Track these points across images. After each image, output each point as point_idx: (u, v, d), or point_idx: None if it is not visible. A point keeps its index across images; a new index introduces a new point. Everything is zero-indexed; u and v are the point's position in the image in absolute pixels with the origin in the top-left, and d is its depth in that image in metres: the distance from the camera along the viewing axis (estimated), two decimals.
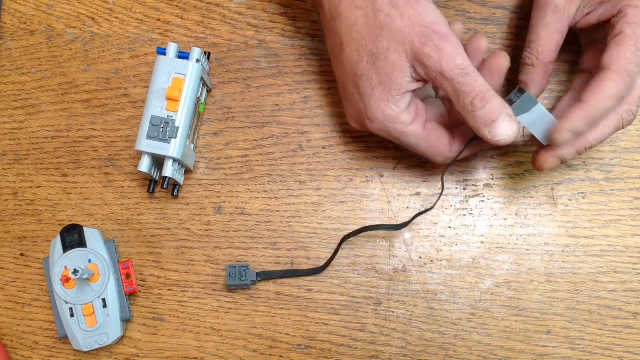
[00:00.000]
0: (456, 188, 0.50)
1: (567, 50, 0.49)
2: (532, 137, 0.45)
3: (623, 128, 0.44)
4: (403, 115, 0.43)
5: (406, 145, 0.45)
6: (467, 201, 0.50)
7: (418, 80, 0.42)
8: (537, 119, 0.43)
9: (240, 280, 0.48)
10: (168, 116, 0.46)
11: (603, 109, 0.41)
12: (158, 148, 0.46)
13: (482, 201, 0.50)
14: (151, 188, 0.49)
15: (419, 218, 0.50)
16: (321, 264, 0.50)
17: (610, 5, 0.43)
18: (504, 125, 0.41)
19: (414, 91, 0.43)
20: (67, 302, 0.47)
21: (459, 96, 0.41)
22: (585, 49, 0.48)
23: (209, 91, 0.52)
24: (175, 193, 0.50)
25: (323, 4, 0.44)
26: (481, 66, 0.44)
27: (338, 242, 0.50)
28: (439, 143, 0.44)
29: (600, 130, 0.43)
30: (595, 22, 0.44)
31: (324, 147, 0.51)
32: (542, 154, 0.44)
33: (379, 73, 0.42)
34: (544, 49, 0.44)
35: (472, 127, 0.42)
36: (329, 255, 0.50)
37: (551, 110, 0.45)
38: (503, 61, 0.43)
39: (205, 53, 0.50)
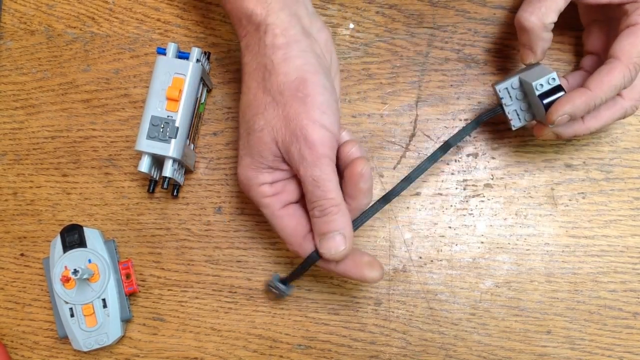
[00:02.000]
0: (456, 188, 0.50)
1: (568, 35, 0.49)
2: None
3: (623, 118, 0.45)
4: (264, 187, 0.42)
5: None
6: (467, 201, 0.50)
7: (284, 163, 0.42)
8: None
9: (276, 290, 0.47)
10: (168, 116, 0.46)
11: (606, 98, 0.41)
12: (158, 148, 0.46)
13: (482, 201, 0.50)
14: (151, 188, 0.49)
15: (419, 218, 0.50)
16: None
17: None
18: (333, 242, 0.41)
19: (284, 177, 0.43)
20: (67, 302, 0.47)
21: (307, 200, 0.41)
22: (587, 28, 0.48)
23: (209, 91, 0.52)
24: (175, 193, 0.50)
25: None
26: (345, 171, 0.43)
27: None
28: (291, 230, 0.43)
29: (602, 119, 0.44)
30: (605, 2, 0.43)
31: None
32: (540, 125, 0.45)
33: (250, 145, 0.42)
34: (547, 9, 0.42)
35: (313, 229, 0.42)
36: None
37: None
38: (361, 168, 0.42)
39: (205, 53, 0.50)
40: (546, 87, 0.43)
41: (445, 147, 0.45)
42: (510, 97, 0.45)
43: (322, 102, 0.40)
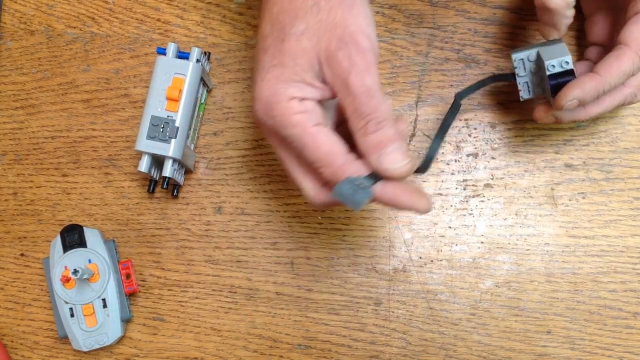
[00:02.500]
0: (456, 188, 0.50)
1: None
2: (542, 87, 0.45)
3: (622, 105, 0.45)
4: (293, 102, 0.37)
5: (290, 150, 0.39)
6: (467, 201, 0.50)
7: (324, 83, 0.38)
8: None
9: (352, 194, 0.37)
10: (168, 116, 0.46)
11: (615, 84, 0.41)
12: (158, 148, 0.46)
13: (482, 201, 0.50)
14: (151, 188, 0.49)
15: (419, 218, 0.50)
16: (321, 264, 0.50)
17: None
18: (395, 156, 0.36)
19: (315, 95, 0.38)
20: (67, 302, 0.47)
21: (356, 115, 0.37)
22: (589, 17, 0.48)
23: (209, 91, 0.52)
24: (175, 193, 0.50)
25: None
26: None
27: (338, 241, 0.50)
28: (328, 148, 0.37)
29: (602, 104, 0.43)
30: None
31: None
32: (541, 109, 0.45)
33: (283, 53, 0.37)
34: None
35: (363, 154, 0.37)
36: (329, 255, 0.50)
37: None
38: (404, 126, 0.40)
39: (205, 53, 0.50)
40: (557, 69, 0.42)
41: (455, 104, 0.45)
42: (524, 68, 0.45)
43: (368, 15, 0.38)
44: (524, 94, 0.45)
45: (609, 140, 0.50)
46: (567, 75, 0.42)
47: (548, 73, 0.42)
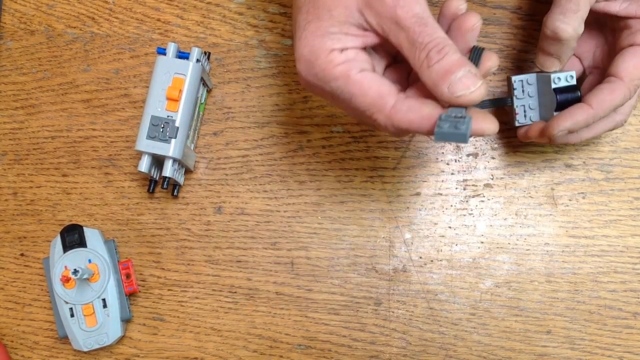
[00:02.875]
0: (456, 188, 0.50)
1: None
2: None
3: (613, 130, 0.45)
4: (333, 54, 0.36)
5: (342, 103, 0.38)
6: (467, 201, 0.50)
7: (366, 30, 0.36)
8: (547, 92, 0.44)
9: (455, 129, 0.34)
10: (168, 116, 0.46)
11: (604, 116, 0.42)
12: (158, 148, 0.46)
13: (482, 201, 0.50)
14: (151, 188, 0.49)
15: (419, 218, 0.50)
16: (321, 264, 0.50)
17: (636, 5, 0.41)
18: (465, 81, 0.34)
19: (356, 44, 0.37)
20: (67, 302, 0.47)
21: (414, 48, 0.35)
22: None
23: (209, 91, 0.52)
24: (175, 193, 0.50)
25: None
26: (448, 30, 0.38)
27: (338, 241, 0.50)
28: (377, 92, 0.36)
29: (593, 130, 0.44)
30: (613, 12, 0.42)
31: (324, 147, 0.51)
32: (536, 128, 0.44)
33: (317, 7, 0.36)
34: (581, 18, 0.41)
35: (430, 88, 0.35)
36: (329, 255, 0.50)
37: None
38: (475, 20, 0.37)
39: (205, 53, 0.50)
40: (563, 83, 0.43)
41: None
42: (522, 91, 0.45)
43: None
44: (520, 118, 0.46)
45: (609, 140, 0.50)
46: (572, 92, 0.43)
47: (554, 86, 0.42)
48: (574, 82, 0.43)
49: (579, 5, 0.40)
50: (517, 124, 0.46)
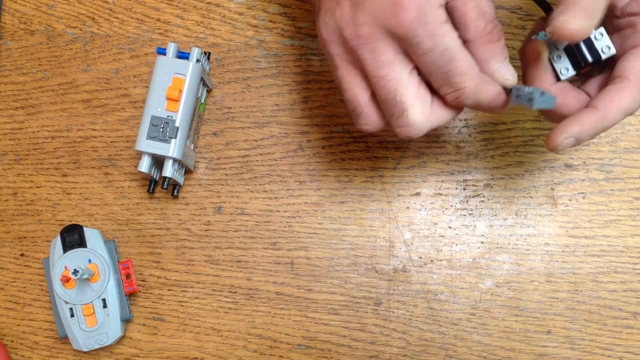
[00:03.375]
0: (456, 188, 0.50)
1: None
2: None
3: (631, 113, 0.41)
4: (440, 10, 0.35)
5: (428, 60, 0.36)
6: (467, 201, 0.50)
7: None
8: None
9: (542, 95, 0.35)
10: (168, 116, 0.46)
11: (615, 122, 0.38)
12: (158, 148, 0.46)
13: (482, 201, 0.50)
14: (151, 188, 0.49)
15: (419, 218, 0.50)
16: (321, 264, 0.50)
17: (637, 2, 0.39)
18: (510, 68, 0.37)
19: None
20: (67, 302, 0.47)
21: (482, 20, 0.36)
22: None
23: (209, 91, 0.52)
24: (175, 193, 0.50)
25: None
26: None
27: (338, 241, 0.50)
28: (470, 58, 0.36)
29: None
30: (618, 14, 0.40)
31: (324, 147, 0.51)
32: (554, 137, 0.39)
33: None
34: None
35: (482, 61, 0.37)
36: (329, 255, 0.50)
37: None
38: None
39: (205, 53, 0.50)
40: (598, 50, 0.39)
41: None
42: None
43: None
44: (564, 72, 0.40)
45: (609, 140, 0.50)
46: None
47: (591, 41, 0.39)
48: (613, 51, 0.39)
49: None
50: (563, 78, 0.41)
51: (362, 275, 0.50)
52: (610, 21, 0.41)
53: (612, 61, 0.40)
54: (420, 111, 0.37)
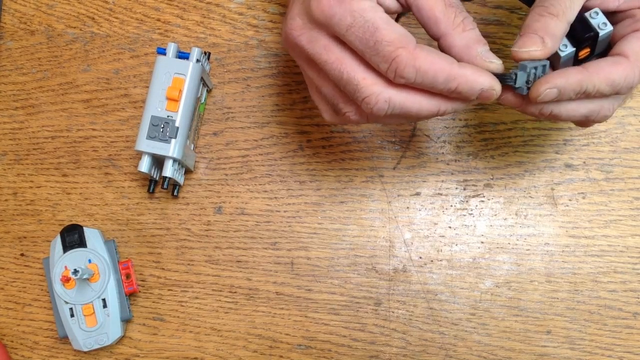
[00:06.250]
0: (456, 188, 0.50)
1: None
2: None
3: (590, 123, 0.40)
4: None
5: (345, 46, 0.36)
6: (467, 201, 0.50)
7: None
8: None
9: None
10: (168, 116, 0.46)
11: (600, 89, 0.37)
12: (158, 148, 0.46)
13: (482, 201, 0.50)
14: (151, 188, 0.49)
15: (419, 218, 0.50)
16: (321, 264, 0.50)
17: None
18: (489, 53, 0.36)
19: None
20: (67, 302, 0.47)
21: (451, 12, 0.36)
22: None
23: (209, 91, 0.52)
24: (175, 193, 0.50)
25: None
26: None
27: (338, 241, 0.50)
28: (403, 31, 0.36)
29: (574, 108, 0.39)
30: (614, 9, 0.39)
31: (324, 147, 0.51)
32: (538, 85, 0.38)
33: None
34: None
35: (461, 48, 0.36)
36: (329, 255, 0.50)
37: None
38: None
39: (205, 53, 0.50)
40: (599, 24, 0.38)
41: None
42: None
43: None
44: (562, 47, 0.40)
45: (609, 140, 0.50)
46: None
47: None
48: (610, 28, 0.38)
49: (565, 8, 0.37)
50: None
51: (362, 275, 0.50)
52: (606, 14, 0.40)
53: (609, 49, 0.40)
54: (374, 81, 0.36)
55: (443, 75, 0.35)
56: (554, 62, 0.39)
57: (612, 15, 0.40)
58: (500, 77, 0.37)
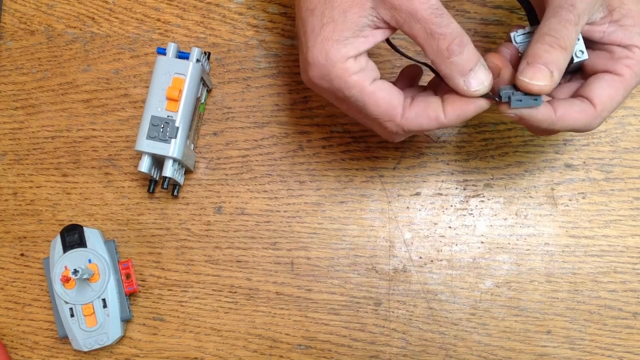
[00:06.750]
0: (456, 188, 0.50)
1: None
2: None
3: (577, 131, 0.41)
4: (349, 62, 0.37)
5: (352, 107, 0.39)
6: (467, 201, 0.50)
7: (378, 27, 0.37)
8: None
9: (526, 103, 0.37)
10: (168, 116, 0.46)
11: (557, 128, 0.38)
12: (158, 148, 0.46)
13: (482, 201, 0.50)
14: (151, 188, 0.49)
15: (419, 218, 0.50)
16: (321, 264, 0.50)
17: (622, 33, 0.38)
18: (480, 75, 0.37)
19: (367, 46, 0.38)
20: (67, 302, 0.47)
21: (433, 39, 0.36)
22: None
23: (209, 91, 0.52)
24: (175, 193, 0.50)
25: None
26: None
27: (338, 241, 0.50)
28: (387, 103, 0.38)
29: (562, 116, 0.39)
30: (597, 39, 0.39)
31: (324, 147, 0.51)
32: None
33: (332, 8, 0.36)
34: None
35: (446, 77, 0.37)
36: (329, 255, 0.50)
37: None
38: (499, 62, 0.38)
39: (205, 53, 0.50)
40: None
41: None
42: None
43: None
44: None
45: (609, 140, 0.50)
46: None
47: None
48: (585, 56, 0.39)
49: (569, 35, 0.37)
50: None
51: (362, 275, 0.50)
52: (587, 39, 0.40)
53: (582, 67, 0.40)
54: (386, 134, 0.41)
55: (433, 127, 0.38)
56: None
57: (592, 43, 0.40)
58: (486, 96, 0.38)
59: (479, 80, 0.37)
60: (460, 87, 0.37)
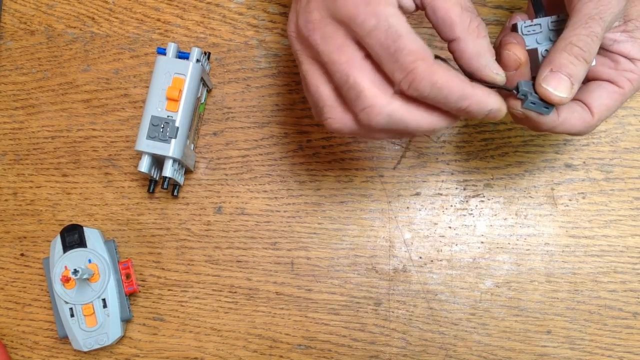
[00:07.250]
0: (456, 188, 0.50)
1: None
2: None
3: (570, 135, 0.42)
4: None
5: (371, 41, 0.35)
6: (467, 201, 0.50)
7: None
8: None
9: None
10: (168, 116, 0.46)
11: (558, 131, 0.39)
12: (158, 148, 0.46)
13: (482, 201, 0.50)
14: (151, 188, 0.49)
15: (419, 218, 0.50)
16: (321, 264, 0.50)
17: (630, 44, 0.38)
18: (496, 65, 0.36)
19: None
20: (67, 302, 0.47)
21: (467, 15, 0.35)
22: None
23: (209, 91, 0.52)
24: (175, 193, 0.50)
25: None
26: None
27: (338, 241, 0.50)
28: (422, 42, 0.35)
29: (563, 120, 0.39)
30: (606, 46, 0.39)
31: (324, 147, 0.51)
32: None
33: None
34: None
35: (471, 55, 0.35)
36: (329, 255, 0.50)
37: None
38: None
39: (205, 53, 0.50)
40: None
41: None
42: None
43: None
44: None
45: (609, 140, 0.50)
46: None
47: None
48: None
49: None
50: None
51: (362, 275, 0.50)
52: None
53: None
54: (378, 92, 0.35)
55: (457, 94, 0.34)
56: (533, 56, 0.39)
57: (599, 48, 0.39)
58: (504, 87, 0.37)
59: (499, 67, 0.36)
60: (485, 67, 0.35)
